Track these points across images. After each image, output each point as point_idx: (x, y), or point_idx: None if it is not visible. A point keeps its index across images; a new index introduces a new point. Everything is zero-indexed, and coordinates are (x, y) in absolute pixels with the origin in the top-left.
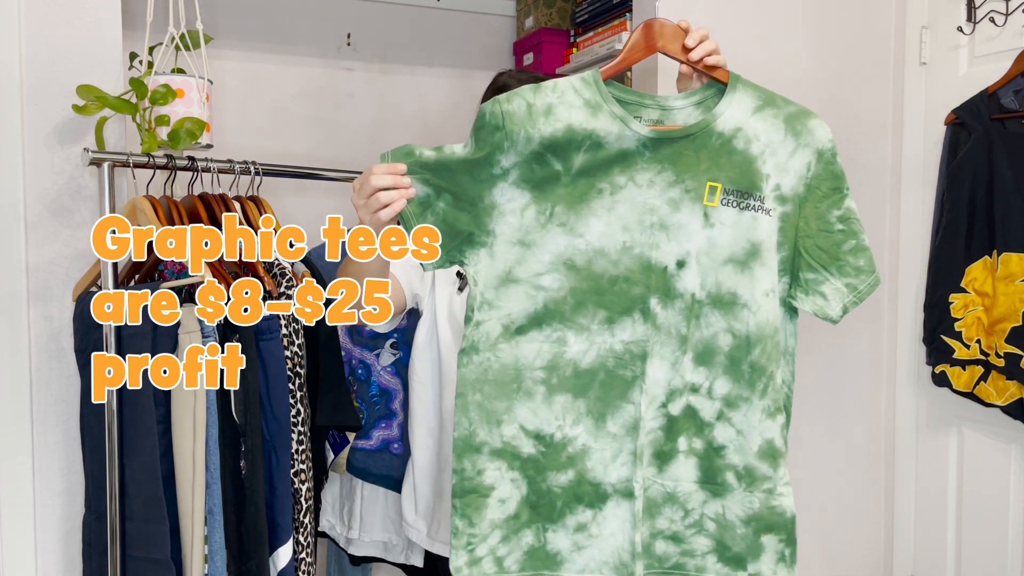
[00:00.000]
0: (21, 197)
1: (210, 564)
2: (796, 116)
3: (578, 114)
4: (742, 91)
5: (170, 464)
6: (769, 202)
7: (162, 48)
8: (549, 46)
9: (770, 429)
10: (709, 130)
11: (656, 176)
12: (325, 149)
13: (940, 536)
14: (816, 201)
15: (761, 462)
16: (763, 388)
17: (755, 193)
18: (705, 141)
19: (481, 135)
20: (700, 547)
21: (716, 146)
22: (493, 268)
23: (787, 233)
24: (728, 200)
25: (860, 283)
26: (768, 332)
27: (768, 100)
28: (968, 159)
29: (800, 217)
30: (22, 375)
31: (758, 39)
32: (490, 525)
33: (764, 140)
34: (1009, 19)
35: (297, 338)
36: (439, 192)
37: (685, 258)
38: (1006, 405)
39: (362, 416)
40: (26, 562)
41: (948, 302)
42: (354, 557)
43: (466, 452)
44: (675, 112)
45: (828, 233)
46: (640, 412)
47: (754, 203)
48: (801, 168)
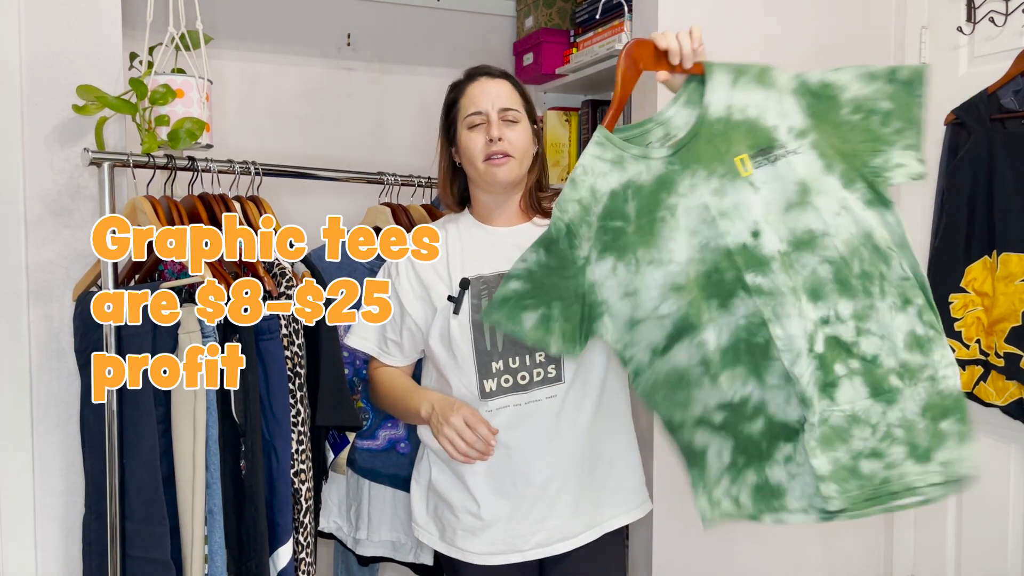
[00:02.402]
0: (21, 197)
1: (210, 564)
2: (762, 73)
3: (612, 177)
4: (716, 75)
5: (170, 464)
6: (792, 143)
7: (162, 48)
8: (549, 46)
9: (905, 322)
10: (707, 121)
11: (693, 179)
12: (325, 149)
13: (940, 536)
14: (822, 116)
15: (912, 354)
16: (880, 290)
17: (775, 144)
18: (711, 130)
19: (554, 248)
20: (897, 456)
21: (721, 129)
22: (617, 322)
23: (827, 154)
24: (759, 162)
25: (911, 137)
26: (857, 243)
27: (738, 71)
28: (968, 159)
29: (826, 136)
30: (22, 375)
31: (758, 39)
32: (717, 473)
33: (753, 103)
34: (1009, 19)
35: (297, 338)
36: (548, 305)
37: (755, 227)
38: (1006, 405)
39: (367, 416)
40: (26, 562)
41: (948, 302)
42: (362, 557)
43: (673, 431)
44: (673, 120)
45: (853, 127)
46: (787, 365)
47: (780, 152)
48: (793, 106)
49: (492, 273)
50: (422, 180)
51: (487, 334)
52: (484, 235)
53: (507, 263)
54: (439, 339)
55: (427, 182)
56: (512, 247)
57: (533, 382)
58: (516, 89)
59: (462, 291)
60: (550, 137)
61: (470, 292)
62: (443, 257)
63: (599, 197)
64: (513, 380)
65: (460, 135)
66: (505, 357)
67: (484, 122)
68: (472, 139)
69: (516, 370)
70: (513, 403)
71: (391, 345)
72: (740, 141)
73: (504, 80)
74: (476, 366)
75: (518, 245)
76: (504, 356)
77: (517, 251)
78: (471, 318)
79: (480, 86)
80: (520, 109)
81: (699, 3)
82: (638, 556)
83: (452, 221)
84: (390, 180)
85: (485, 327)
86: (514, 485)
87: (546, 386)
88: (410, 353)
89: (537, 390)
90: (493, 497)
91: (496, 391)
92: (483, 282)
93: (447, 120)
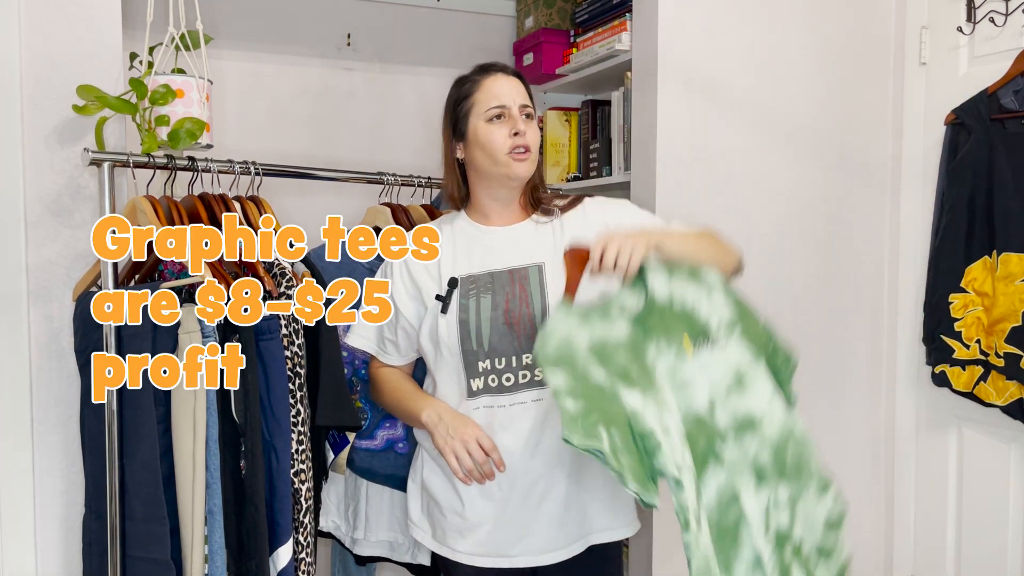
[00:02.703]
0: (21, 197)
1: (210, 564)
2: (693, 272)
3: (582, 333)
4: (653, 268)
5: (170, 464)
6: (723, 333)
7: (162, 48)
8: (549, 46)
9: (823, 509)
10: (656, 305)
11: (657, 345)
12: (325, 149)
13: (940, 536)
14: (746, 314)
15: (828, 535)
16: (808, 475)
17: (710, 333)
18: (660, 310)
19: (561, 367)
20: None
21: (668, 312)
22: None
23: (755, 338)
24: (700, 345)
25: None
26: (788, 429)
27: (671, 269)
28: (968, 159)
29: (750, 329)
30: (22, 375)
31: (758, 39)
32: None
33: (689, 296)
34: (1009, 19)
35: (297, 338)
36: (608, 427)
37: (711, 401)
38: (1006, 405)
39: (366, 416)
40: (26, 562)
41: (948, 302)
42: (359, 557)
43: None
44: (626, 302)
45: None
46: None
47: (714, 339)
48: (721, 301)
49: (482, 272)
50: (422, 180)
51: (474, 333)
52: (478, 234)
53: (499, 262)
54: (428, 338)
55: (427, 182)
56: (512, 245)
57: (519, 384)
58: (526, 88)
59: (450, 290)
60: (550, 137)
61: (458, 291)
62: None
63: (577, 346)
64: (499, 381)
65: (476, 129)
66: (492, 357)
67: (507, 115)
68: (494, 132)
69: (502, 371)
70: (498, 404)
71: (388, 344)
72: (685, 326)
73: (518, 78)
74: (463, 365)
75: (512, 244)
76: (491, 356)
77: (518, 249)
78: (458, 317)
79: (497, 81)
80: (533, 107)
81: (699, 3)
82: (638, 571)
83: (447, 222)
84: (390, 180)
85: (472, 327)
86: (499, 487)
87: (532, 389)
88: (407, 352)
89: (523, 392)
90: (478, 498)
91: (482, 390)
92: (472, 281)
93: (454, 114)
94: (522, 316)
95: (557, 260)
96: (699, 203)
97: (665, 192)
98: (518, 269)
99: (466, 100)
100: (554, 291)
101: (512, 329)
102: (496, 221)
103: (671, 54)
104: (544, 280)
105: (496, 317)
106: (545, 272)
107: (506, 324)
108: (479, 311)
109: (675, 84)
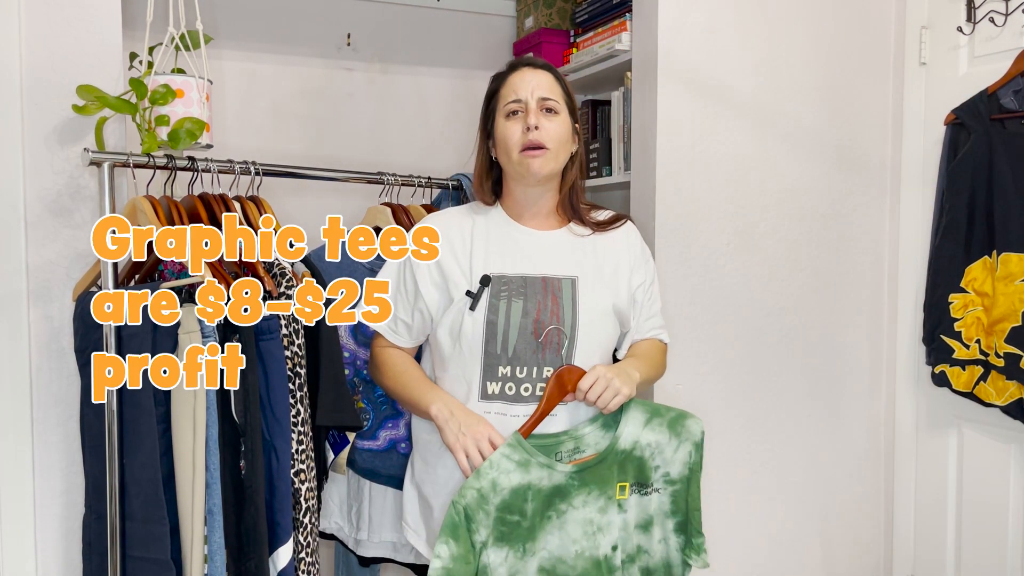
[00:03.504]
0: (21, 197)
1: (210, 564)
2: (676, 420)
3: (515, 476)
4: (634, 409)
5: (170, 464)
6: (659, 484)
7: (162, 48)
8: (549, 46)
9: None
10: (615, 450)
11: (587, 496)
12: (325, 149)
13: (940, 536)
14: (695, 477)
15: None
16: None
17: (649, 483)
18: (613, 459)
19: (457, 532)
20: None
21: (621, 459)
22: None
23: (677, 503)
24: (634, 491)
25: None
26: (661, 563)
27: (654, 411)
28: (968, 159)
29: (687, 492)
30: (22, 375)
31: (758, 39)
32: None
33: (654, 445)
34: (1009, 19)
35: (297, 338)
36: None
37: (614, 543)
38: (1006, 405)
39: (368, 417)
40: (26, 562)
41: (948, 302)
42: (363, 558)
43: None
44: (586, 438)
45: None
46: None
47: (650, 489)
48: (684, 457)
49: (515, 275)
50: (422, 180)
51: (500, 337)
52: (515, 233)
53: (533, 267)
54: (448, 331)
55: (427, 182)
56: (541, 252)
57: (535, 395)
58: (558, 82)
59: (482, 287)
60: None
61: (490, 290)
62: (467, 249)
63: (499, 490)
64: (516, 389)
65: (497, 124)
66: (514, 364)
67: (521, 110)
68: (509, 128)
69: (521, 380)
70: (511, 413)
71: (400, 325)
72: (629, 472)
73: (546, 71)
74: (482, 366)
75: (547, 251)
76: (512, 363)
77: (546, 257)
78: (486, 317)
79: (521, 75)
80: (560, 101)
81: (699, 3)
82: None
83: (481, 213)
84: (390, 180)
85: (499, 330)
86: None
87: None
88: (417, 335)
89: (532, 405)
90: None
91: (497, 395)
92: (504, 282)
93: (487, 111)
94: (551, 329)
95: (591, 276)
96: (699, 203)
97: (665, 192)
98: (552, 279)
99: (493, 97)
100: (586, 308)
101: (539, 340)
102: (531, 223)
103: (671, 54)
104: (577, 295)
105: (525, 325)
106: (579, 287)
107: (534, 334)
108: (509, 315)
109: (675, 84)
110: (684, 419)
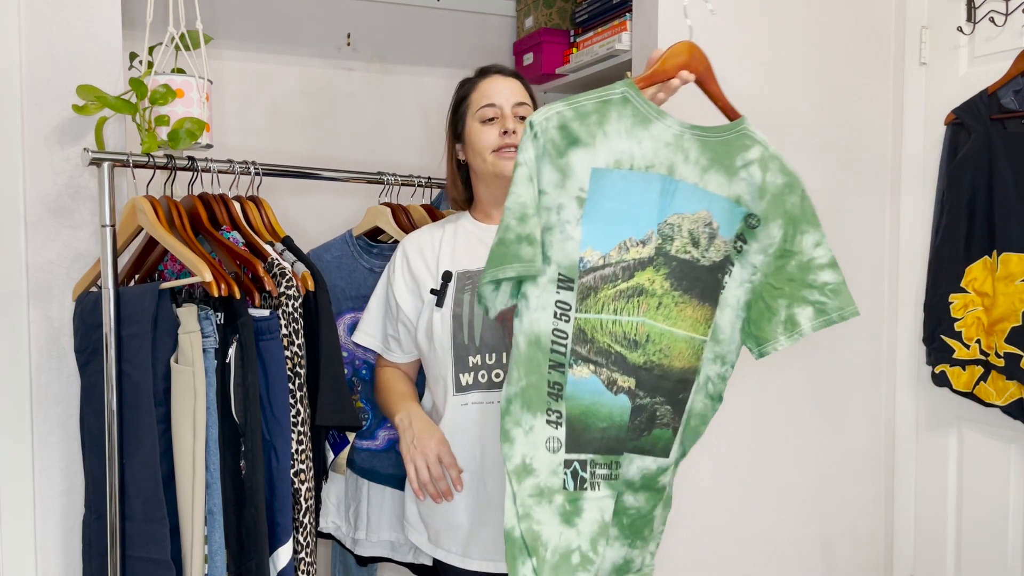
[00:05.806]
0: (21, 197)
1: (210, 564)
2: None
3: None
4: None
5: (170, 464)
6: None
7: (162, 48)
8: (549, 46)
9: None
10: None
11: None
12: (325, 149)
13: (940, 536)
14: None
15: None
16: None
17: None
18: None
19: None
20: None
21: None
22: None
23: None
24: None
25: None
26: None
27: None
28: (968, 159)
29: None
30: (22, 375)
31: (759, 39)
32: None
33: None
34: (1009, 19)
35: (297, 338)
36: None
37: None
38: (1006, 405)
39: (367, 416)
40: (26, 562)
41: (948, 302)
42: (360, 558)
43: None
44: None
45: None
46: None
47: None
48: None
49: (478, 268)
50: (422, 180)
51: (466, 328)
52: (481, 234)
53: None
54: (424, 333)
55: (427, 182)
56: None
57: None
58: (526, 89)
59: (444, 284)
60: None
61: (454, 285)
62: (435, 253)
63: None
64: (488, 376)
65: (469, 128)
66: (483, 352)
67: (498, 115)
68: (484, 132)
69: (492, 367)
70: (486, 400)
71: (391, 341)
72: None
73: (516, 79)
74: (453, 359)
75: None
76: (481, 351)
77: None
78: (452, 311)
79: (493, 82)
80: (531, 107)
81: (699, 3)
82: None
83: (451, 221)
84: (390, 180)
85: (464, 321)
86: (484, 485)
87: None
88: (409, 348)
89: None
90: (464, 495)
91: (472, 385)
92: (468, 276)
93: (455, 116)
94: (508, 308)
95: None
96: None
97: None
98: None
99: (463, 102)
100: None
101: (504, 325)
102: (498, 220)
103: None
104: None
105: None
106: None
107: (498, 319)
108: (473, 305)
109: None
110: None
